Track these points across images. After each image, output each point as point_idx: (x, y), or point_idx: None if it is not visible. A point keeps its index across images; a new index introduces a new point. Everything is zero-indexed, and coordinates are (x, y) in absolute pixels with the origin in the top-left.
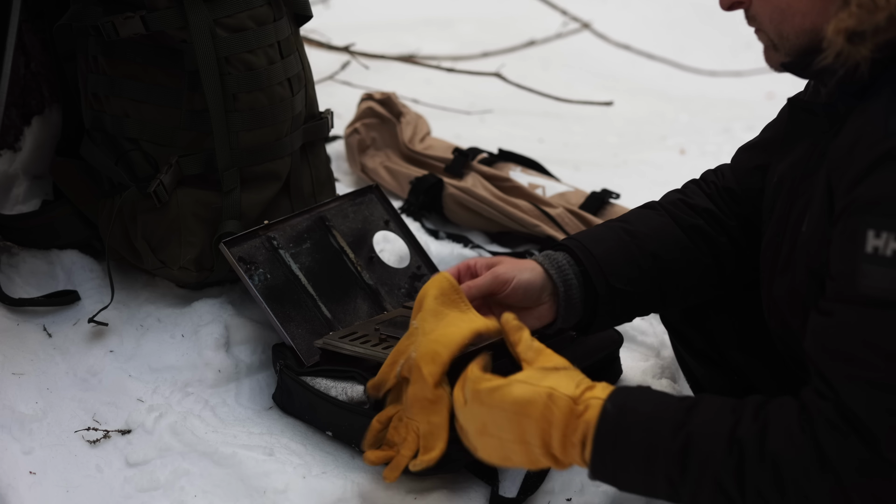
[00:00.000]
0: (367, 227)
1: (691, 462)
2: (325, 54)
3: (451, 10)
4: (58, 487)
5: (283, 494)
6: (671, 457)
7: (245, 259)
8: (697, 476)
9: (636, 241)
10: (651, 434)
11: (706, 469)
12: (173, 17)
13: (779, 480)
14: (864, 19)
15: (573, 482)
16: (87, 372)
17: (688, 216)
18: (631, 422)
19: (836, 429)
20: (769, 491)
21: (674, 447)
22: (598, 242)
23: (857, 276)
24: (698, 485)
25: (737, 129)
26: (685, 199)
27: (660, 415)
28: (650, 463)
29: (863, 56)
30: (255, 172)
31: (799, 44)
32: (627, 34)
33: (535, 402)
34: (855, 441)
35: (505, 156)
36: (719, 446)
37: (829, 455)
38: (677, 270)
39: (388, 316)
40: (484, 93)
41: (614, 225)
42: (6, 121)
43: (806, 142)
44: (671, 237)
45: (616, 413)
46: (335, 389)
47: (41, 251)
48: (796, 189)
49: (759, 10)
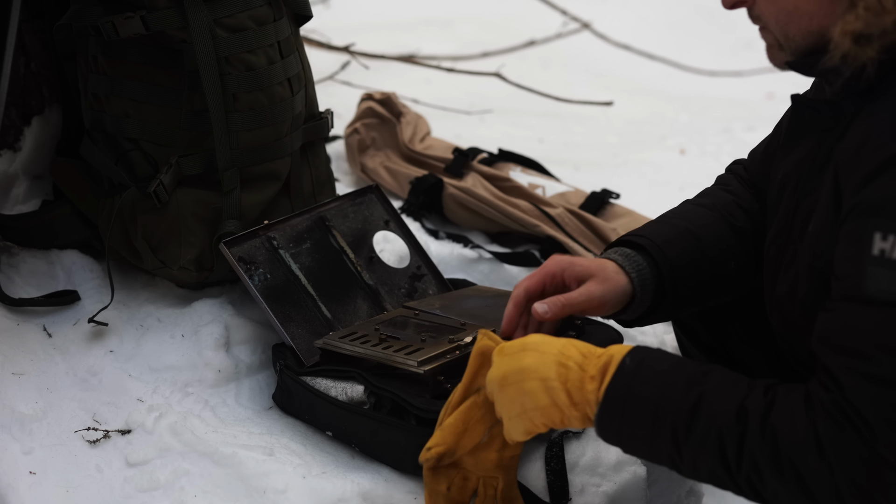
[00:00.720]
0: (367, 227)
1: (700, 421)
2: (325, 54)
3: (451, 10)
4: (58, 487)
5: (283, 494)
6: (681, 414)
7: (245, 259)
8: (702, 436)
9: (702, 247)
10: (665, 388)
11: (711, 430)
12: (173, 17)
13: (776, 456)
14: (872, 22)
15: (573, 482)
16: (87, 372)
17: (738, 220)
18: (646, 375)
19: (835, 421)
20: (765, 464)
21: (685, 405)
22: (671, 244)
23: (863, 279)
24: (701, 445)
25: (737, 129)
26: (737, 200)
27: (676, 372)
28: (659, 418)
29: (869, 58)
30: (255, 172)
31: (805, 45)
32: (627, 34)
33: (565, 350)
34: (851, 435)
35: (505, 156)
36: (729, 411)
37: (826, 444)
38: (724, 276)
39: (388, 316)
40: (484, 93)
41: (680, 225)
42: (6, 121)
43: (810, 139)
44: (725, 242)
45: (634, 366)
46: (335, 389)
47: (41, 251)
48: (802, 188)
49: (764, 11)
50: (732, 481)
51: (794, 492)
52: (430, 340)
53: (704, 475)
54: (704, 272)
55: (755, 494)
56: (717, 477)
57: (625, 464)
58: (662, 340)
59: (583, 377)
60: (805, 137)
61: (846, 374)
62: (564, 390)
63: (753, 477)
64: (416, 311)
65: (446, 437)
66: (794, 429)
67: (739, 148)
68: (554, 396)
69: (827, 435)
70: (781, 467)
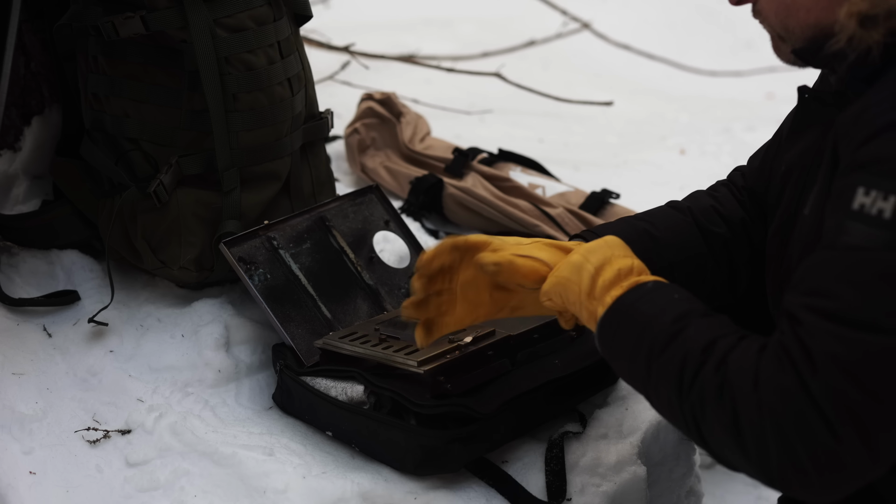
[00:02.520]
0: (367, 227)
1: (674, 344)
2: (325, 54)
3: (451, 10)
4: (58, 487)
5: (283, 494)
6: (663, 335)
7: (245, 259)
8: (671, 357)
9: (657, 247)
10: (663, 311)
11: (679, 354)
12: (173, 17)
13: (720, 389)
14: (877, 3)
15: (573, 482)
16: (87, 372)
17: (714, 226)
18: (654, 298)
19: (778, 358)
20: (709, 395)
21: (671, 329)
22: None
23: (840, 232)
24: (667, 366)
25: (737, 129)
26: (717, 206)
27: (682, 302)
28: (644, 333)
29: (875, 40)
30: (255, 172)
31: (804, 37)
32: (627, 34)
33: (617, 258)
34: (789, 372)
35: (505, 156)
36: (700, 342)
37: (762, 376)
38: (691, 283)
39: (388, 316)
40: (484, 93)
41: (640, 225)
42: (6, 121)
43: (815, 131)
44: (692, 249)
45: (650, 287)
46: (335, 389)
47: (41, 251)
48: (805, 178)
49: (764, 6)
50: (681, 411)
51: (727, 431)
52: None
53: (664, 402)
54: (657, 275)
55: (696, 431)
56: (671, 405)
57: (625, 464)
58: None
59: (614, 283)
60: (809, 129)
61: (804, 311)
62: (592, 280)
63: (697, 409)
64: None
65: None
66: (741, 365)
67: (739, 148)
68: (581, 277)
69: (764, 369)
70: (722, 401)
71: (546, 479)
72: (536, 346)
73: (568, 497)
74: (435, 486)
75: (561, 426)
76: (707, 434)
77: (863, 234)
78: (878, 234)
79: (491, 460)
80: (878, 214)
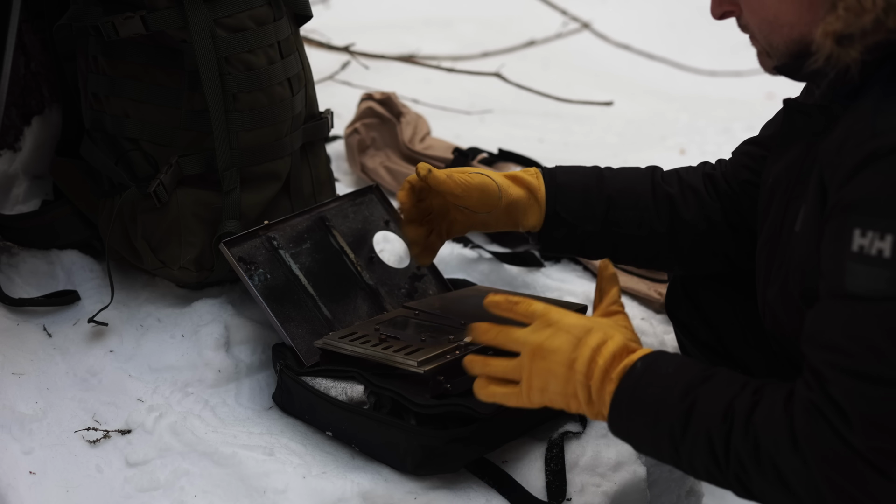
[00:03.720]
0: (367, 227)
1: (692, 422)
2: (325, 54)
3: (451, 10)
4: (58, 487)
5: (283, 494)
6: (677, 416)
7: (245, 259)
8: (694, 436)
9: (600, 183)
10: (665, 391)
11: (701, 430)
12: (173, 17)
13: (756, 453)
14: (851, 22)
15: (574, 482)
16: (87, 372)
17: (667, 184)
18: (650, 379)
19: (811, 415)
20: (749, 461)
21: (681, 407)
22: (569, 173)
23: (844, 275)
24: (693, 445)
25: (737, 129)
26: (681, 172)
27: (679, 375)
28: (658, 420)
29: (853, 58)
30: (255, 172)
31: (788, 52)
32: (627, 34)
33: (600, 346)
34: (826, 429)
35: (505, 156)
36: (717, 411)
37: (800, 438)
38: (627, 223)
39: (388, 316)
40: (484, 93)
41: (597, 167)
42: (6, 121)
43: (801, 143)
44: (636, 193)
45: (642, 369)
46: (335, 389)
47: (41, 251)
48: (792, 190)
49: (749, 20)
50: (724, 479)
51: (777, 488)
52: (429, 340)
53: (702, 473)
54: (594, 206)
55: (746, 492)
56: (712, 475)
57: (624, 464)
58: (662, 340)
59: (605, 378)
60: (796, 141)
61: (828, 368)
62: (586, 388)
63: (741, 474)
64: (416, 311)
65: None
66: (772, 425)
67: None
68: (577, 389)
69: (802, 430)
70: (762, 464)
71: (546, 478)
72: None
73: (568, 497)
74: (435, 486)
75: (561, 426)
76: (758, 493)
77: (865, 275)
78: (879, 272)
79: (491, 460)
80: (878, 255)
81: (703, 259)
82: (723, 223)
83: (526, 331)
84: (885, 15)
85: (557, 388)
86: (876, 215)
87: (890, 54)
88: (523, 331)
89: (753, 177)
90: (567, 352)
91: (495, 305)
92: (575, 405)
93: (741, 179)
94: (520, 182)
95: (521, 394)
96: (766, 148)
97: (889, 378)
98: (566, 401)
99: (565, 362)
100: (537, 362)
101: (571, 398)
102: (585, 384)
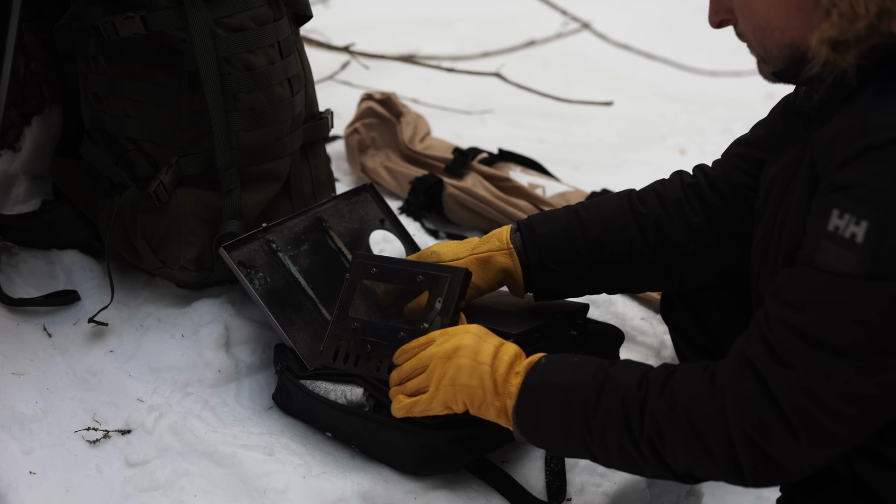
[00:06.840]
0: (363, 226)
1: (605, 394)
2: (325, 54)
3: (451, 10)
4: (58, 487)
5: (283, 494)
6: (590, 392)
7: (245, 263)
8: (608, 407)
9: (582, 226)
10: (575, 374)
11: (616, 400)
12: (173, 17)
13: (672, 410)
14: (846, 28)
15: (574, 482)
16: (87, 372)
17: (647, 206)
18: (559, 367)
19: (741, 363)
20: (663, 419)
21: (594, 384)
22: (547, 223)
23: (817, 250)
24: (607, 415)
25: (737, 129)
26: (658, 189)
27: (586, 362)
28: (570, 399)
29: (849, 63)
30: (255, 172)
31: (782, 57)
32: (627, 34)
33: (502, 346)
34: (751, 376)
35: (505, 156)
36: (631, 382)
37: (722, 383)
38: (618, 258)
39: (354, 288)
40: (484, 93)
41: (572, 208)
42: (6, 121)
43: (798, 145)
44: (619, 224)
45: (548, 362)
46: (335, 393)
47: (41, 251)
48: (785, 190)
49: (744, 28)
50: (637, 451)
51: (690, 444)
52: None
53: (614, 451)
54: (583, 252)
55: (659, 461)
56: (625, 451)
57: None
58: (662, 341)
59: (510, 371)
60: (793, 144)
61: (778, 323)
62: (492, 378)
63: (655, 438)
64: (371, 269)
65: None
66: (691, 381)
67: None
68: (483, 379)
69: (726, 377)
70: (678, 420)
71: (546, 479)
72: (538, 345)
73: (568, 497)
74: (435, 486)
75: None
76: (671, 459)
77: (836, 256)
78: (850, 256)
79: (491, 460)
80: (850, 238)
81: (698, 276)
82: (711, 238)
83: (431, 347)
84: (878, 20)
85: (465, 377)
86: (858, 200)
87: (886, 57)
88: (429, 348)
89: (747, 179)
90: (472, 346)
91: (404, 353)
92: (480, 395)
93: (734, 183)
94: (492, 267)
95: (427, 399)
96: (758, 148)
97: (834, 347)
98: (474, 391)
99: (471, 354)
100: (446, 363)
101: (478, 389)
102: (492, 375)
